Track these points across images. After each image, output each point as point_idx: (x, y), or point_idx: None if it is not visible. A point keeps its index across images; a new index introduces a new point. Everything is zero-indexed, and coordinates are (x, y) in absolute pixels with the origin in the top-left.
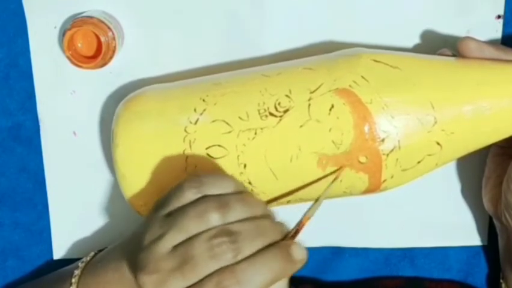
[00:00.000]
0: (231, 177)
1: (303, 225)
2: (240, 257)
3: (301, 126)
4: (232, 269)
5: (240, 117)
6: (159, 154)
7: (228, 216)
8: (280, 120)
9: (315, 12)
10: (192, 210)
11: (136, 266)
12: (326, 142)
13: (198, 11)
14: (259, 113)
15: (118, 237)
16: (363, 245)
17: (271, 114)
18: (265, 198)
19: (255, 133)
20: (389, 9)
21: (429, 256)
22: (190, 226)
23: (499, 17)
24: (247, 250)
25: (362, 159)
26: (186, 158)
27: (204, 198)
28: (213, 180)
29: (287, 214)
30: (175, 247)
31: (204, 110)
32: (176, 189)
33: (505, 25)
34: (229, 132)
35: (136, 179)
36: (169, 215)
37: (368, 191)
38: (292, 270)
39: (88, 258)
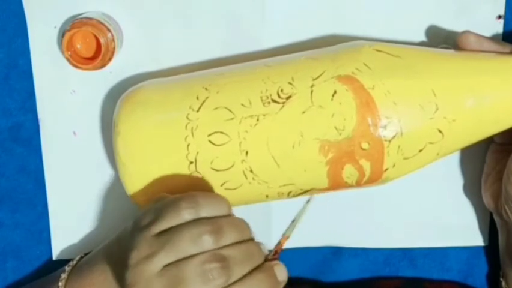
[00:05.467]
0: (225, 199)
1: (282, 245)
2: (230, 282)
3: (303, 112)
4: None
5: (242, 104)
6: (161, 141)
7: (221, 240)
8: (282, 106)
9: (315, 8)
10: (187, 231)
11: (123, 283)
12: (328, 128)
13: (197, 12)
14: (262, 100)
15: None
16: (363, 245)
17: (273, 101)
18: (266, 187)
19: (258, 120)
20: (389, 10)
21: (429, 256)
22: (183, 248)
23: (499, 17)
24: (238, 274)
25: (364, 145)
26: (188, 145)
27: (199, 220)
28: (209, 202)
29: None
30: (166, 267)
31: (207, 97)
32: (172, 208)
33: (505, 25)
34: (232, 119)
35: (137, 168)
36: (160, 233)
37: (369, 180)
38: None
39: (75, 262)
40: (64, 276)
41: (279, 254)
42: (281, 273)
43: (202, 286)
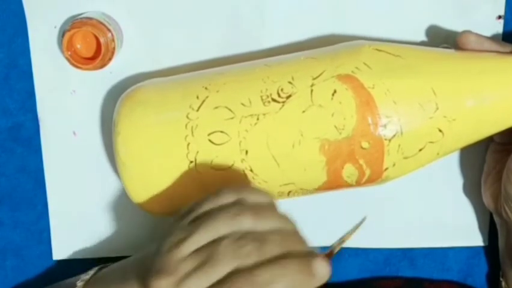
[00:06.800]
0: (267, 192)
1: (339, 247)
2: (262, 259)
3: (303, 111)
4: (249, 272)
5: (242, 104)
6: (161, 141)
7: (259, 223)
8: (282, 105)
9: (315, 8)
10: (224, 212)
11: (149, 272)
12: (328, 127)
13: (196, 12)
14: (262, 99)
15: (117, 237)
16: (363, 245)
17: (273, 100)
18: (266, 187)
19: (258, 119)
20: (389, 10)
21: (429, 256)
22: (220, 227)
23: (499, 17)
24: (271, 255)
25: (364, 144)
26: (188, 144)
27: (239, 203)
28: (251, 190)
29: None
30: (198, 249)
31: (207, 97)
32: (211, 194)
33: (505, 25)
34: (232, 118)
35: (137, 167)
36: (195, 220)
37: (369, 180)
38: (309, 284)
39: (92, 272)
40: (80, 284)
41: (333, 255)
42: (320, 267)
43: (232, 261)
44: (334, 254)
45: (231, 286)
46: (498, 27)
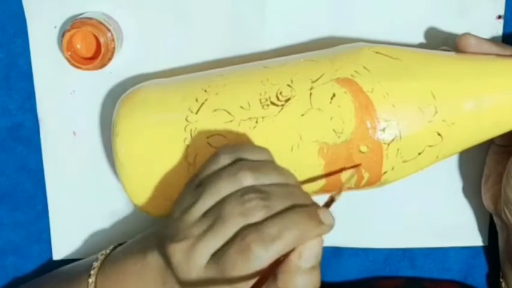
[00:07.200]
0: (266, 149)
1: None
2: (269, 214)
3: (302, 115)
4: (257, 226)
5: (241, 107)
6: (159, 143)
7: (260, 178)
8: (281, 109)
9: (316, 10)
10: (225, 172)
11: (164, 239)
12: (327, 131)
13: (197, 13)
14: (261, 102)
15: (118, 237)
16: (363, 245)
17: (272, 103)
18: None
19: (256, 122)
20: (389, 10)
21: (429, 256)
22: (222, 187)
23: (499, 17)
24: (277, 209)
25: (363, 148)
26: (187, 147)
27: (238, 161)
28: (249, 148)
29: None
30: (207, 211)
31: (206, 99)
32: (211, 157)
33: (505, 25)
34: (231, 121)
35: (135, 169)
36: (201, 183)
37: (368, 183)
38: (317, 232)
39: (108, 251)
40: (96, 264)
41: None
42: (326, 216)
43: (240, 218)
44: (333, 203)
45: (240, 242)
46: (498, 27)
